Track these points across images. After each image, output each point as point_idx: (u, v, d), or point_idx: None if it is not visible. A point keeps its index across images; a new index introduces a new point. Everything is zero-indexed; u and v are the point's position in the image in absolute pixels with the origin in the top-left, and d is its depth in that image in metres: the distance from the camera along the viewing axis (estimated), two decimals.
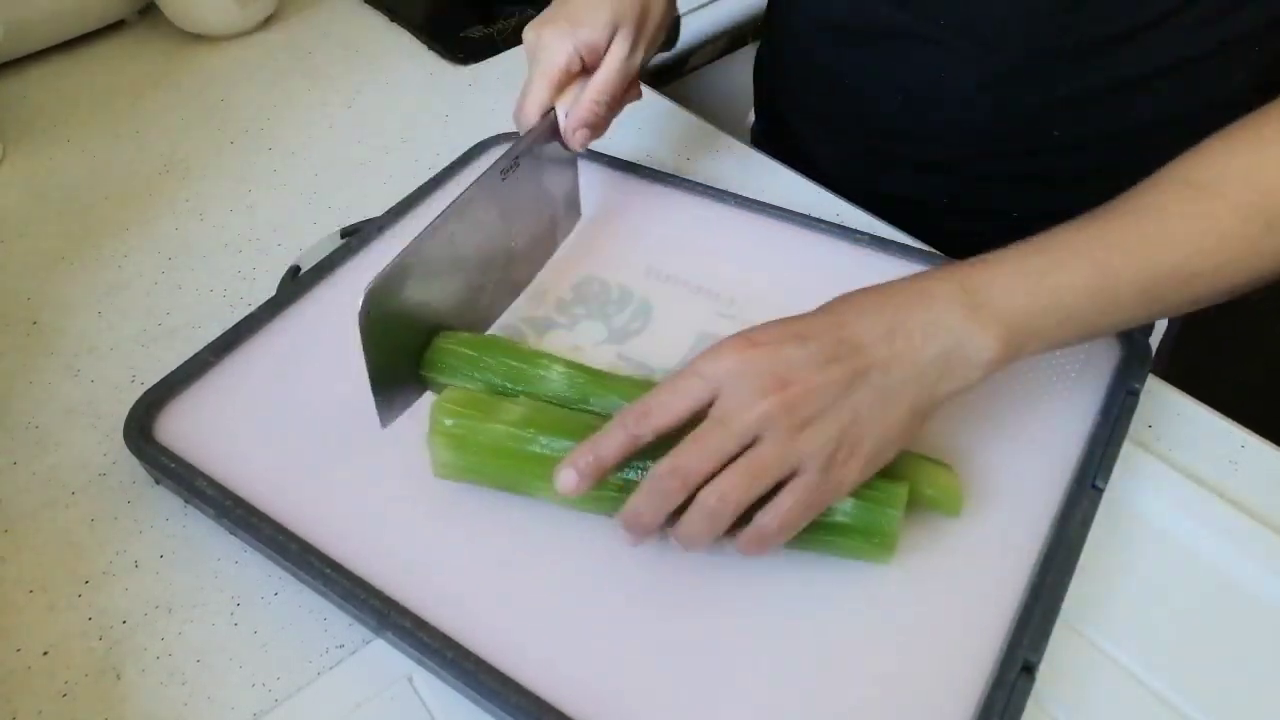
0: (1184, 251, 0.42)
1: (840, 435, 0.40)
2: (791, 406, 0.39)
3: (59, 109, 0.79)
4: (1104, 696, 0.41)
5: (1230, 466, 0.49)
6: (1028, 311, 0.42)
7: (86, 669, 0.44)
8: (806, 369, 0.40)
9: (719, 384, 0.40)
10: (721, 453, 0.39)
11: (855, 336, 0.41)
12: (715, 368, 0.40)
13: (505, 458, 0.44)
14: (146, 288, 0.63)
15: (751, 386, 0.39)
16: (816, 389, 0.40)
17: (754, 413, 0.39)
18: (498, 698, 0.40)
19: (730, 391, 0.40)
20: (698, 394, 0.40)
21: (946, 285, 0.42)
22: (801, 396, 0.39)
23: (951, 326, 0.41)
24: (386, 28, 0.88)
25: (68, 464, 0.52)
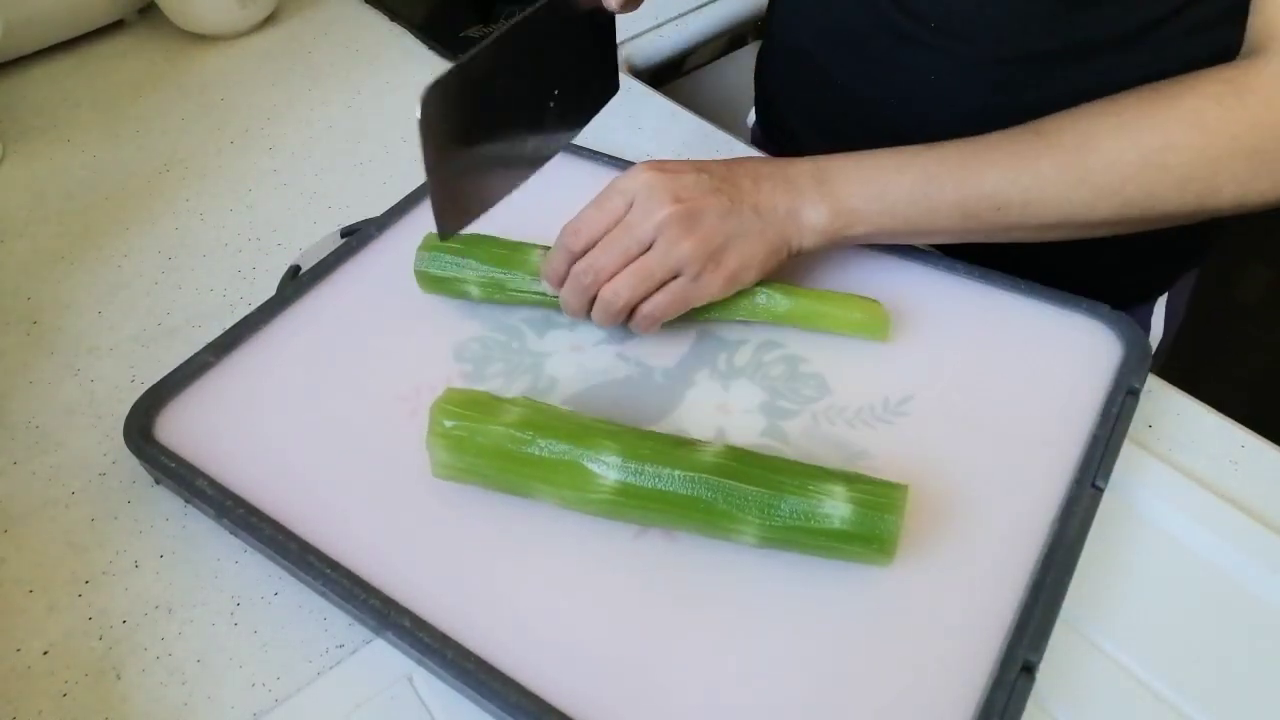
0: (998, 180, 0.50)
1: (713, 250, 0.50)
2: (681, 219, 0.49)
3: (59, 109, 0.79)
4: (1104, 696, 0.41)
5: (1230, 466, 0.49)
6: (856, 196, 0.51)
7: (86, 669, 0.44)
8: (699, 191, 0.50)
9: (632, 196, 0.50)
10: (625, 252, 0.50)
11: (736, 178, 0.52)
12: (631, 183, 0.51)
13: (504, 459, 0.45)
14: (146, 288, 0.63)
15: (656, 199, 0.50)
16: (702, 208, 0.50)
17: (653, 220, 0.49)
18: (498, 698, 0.40)
19: (639, 202, 0.50)
20: (617, 207, 0.51)
21: (808, 164, 0.53)
22: (690, 212, 0.49)
23: (802, 189, 0.52)
24: (386, 28, 0.88)
25: (68, 464, 0.52)
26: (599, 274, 0.50)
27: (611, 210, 0.51)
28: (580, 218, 0.51)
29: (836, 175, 0.52)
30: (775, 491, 0.43)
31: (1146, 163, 0.48)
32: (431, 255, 0.55)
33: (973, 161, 0.50)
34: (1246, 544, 0.45)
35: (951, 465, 0.48)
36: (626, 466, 0.43)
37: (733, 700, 0.40)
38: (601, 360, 0.54)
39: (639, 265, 0.50)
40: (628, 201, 0.50)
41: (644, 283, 0.50)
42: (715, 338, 0.55)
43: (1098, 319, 0.54)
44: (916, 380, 0.52)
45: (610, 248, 0.50)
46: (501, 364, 0.54)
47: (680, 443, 0.45)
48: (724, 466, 0.43)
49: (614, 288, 0.50)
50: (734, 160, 0.53)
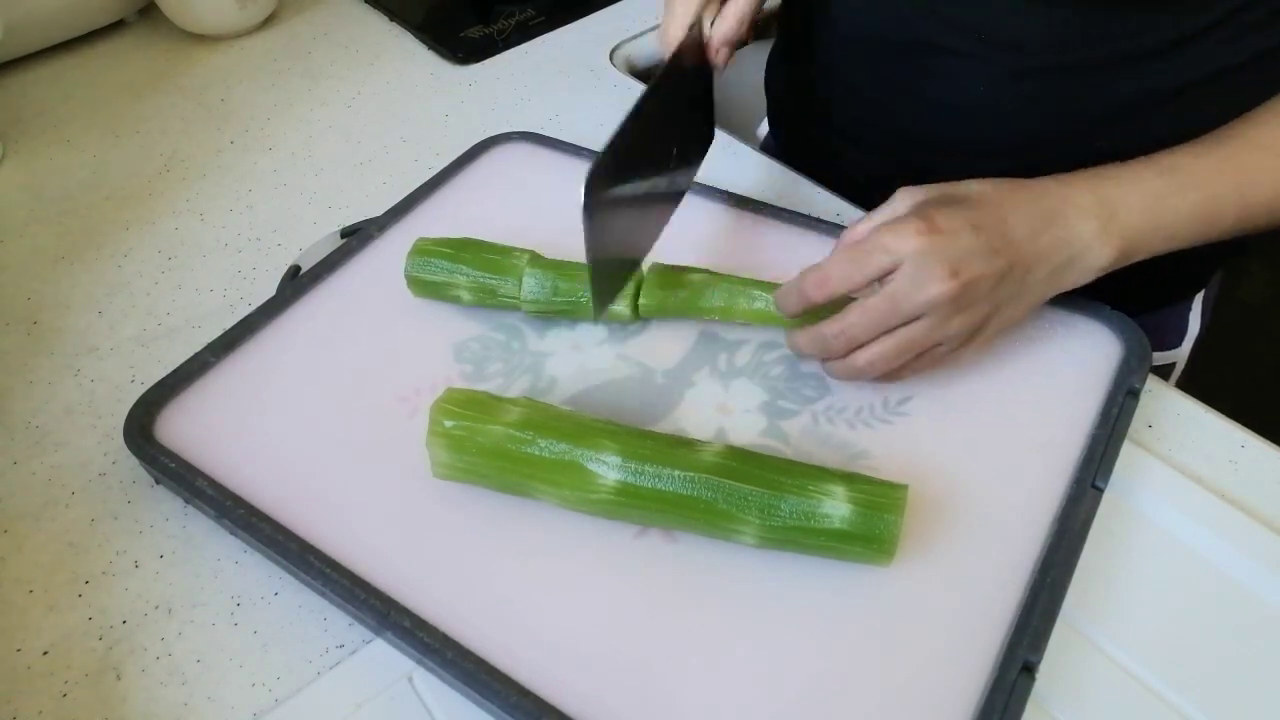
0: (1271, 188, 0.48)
1: (980, 321, 0.46)
2: (956, 298, 0.44)
3: (59, 109, 0.79)
4: (1104, 696, 0.41)
5: (1230, 466, 0.49)
6: (1142, 230, 0.47)
7: (86, 669, 0.44)
8: (977, 260, 0.44)
9: (900, 261, 0.44)
10: (886, 327, 0.46)
11: (1013, 231, 0.46)
12: (900, 245, 0.44)
13: (504, 459, 0.45)
14: (146, 288, 0.63)
15: (931, 271, 0.44)
16: (980, 281, 0.45)
17: (925, 296, 0.44)
18: (498, 698, 0.40)
19: (909, 271, 0.44)
20: (879, 267, 0.45)
21: (1087, 197, 0.48)
22: (966, 289, 0.44)
23: (1083, 235, 0.47)
24: (386, 28, 0.88)
25: (68, 464, 0.52)
26: (851, 343, 0.47)
27: (871, 269, 0.45)
28: (831, 265, 0.46)
29: (1121, 206, 0.48)
30: (775, 491, 0.42)
31: None
32: (422, 260, 0.55)
33: (1248, 170, 0.49)
34: (1246, 544, 0.45)
35: (951, 465, 0.48)
36: (626, 466, 0.43)
37: (733, 699, 0.40)
38: (602, 360, 0.54)
39: (904, 339, 0.46)
40: (893, 263, 0.45)
41: (904, 356, 0.47)
42: (715, 338, 0.55)
43: (1098, 319, 0.53)
44: (916, 380, 0.52)
45: (873, 321, 0.46)
46: (501, 364, 0.54)
47: (680, 443, 0.45)
48: (724, 466, 0.43)
49: (870, 359, 0.47)
50: (1005, 198, 0.47)
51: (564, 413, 0.46)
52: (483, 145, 0.68)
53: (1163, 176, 0.48)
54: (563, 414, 0.46)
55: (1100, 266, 0.48)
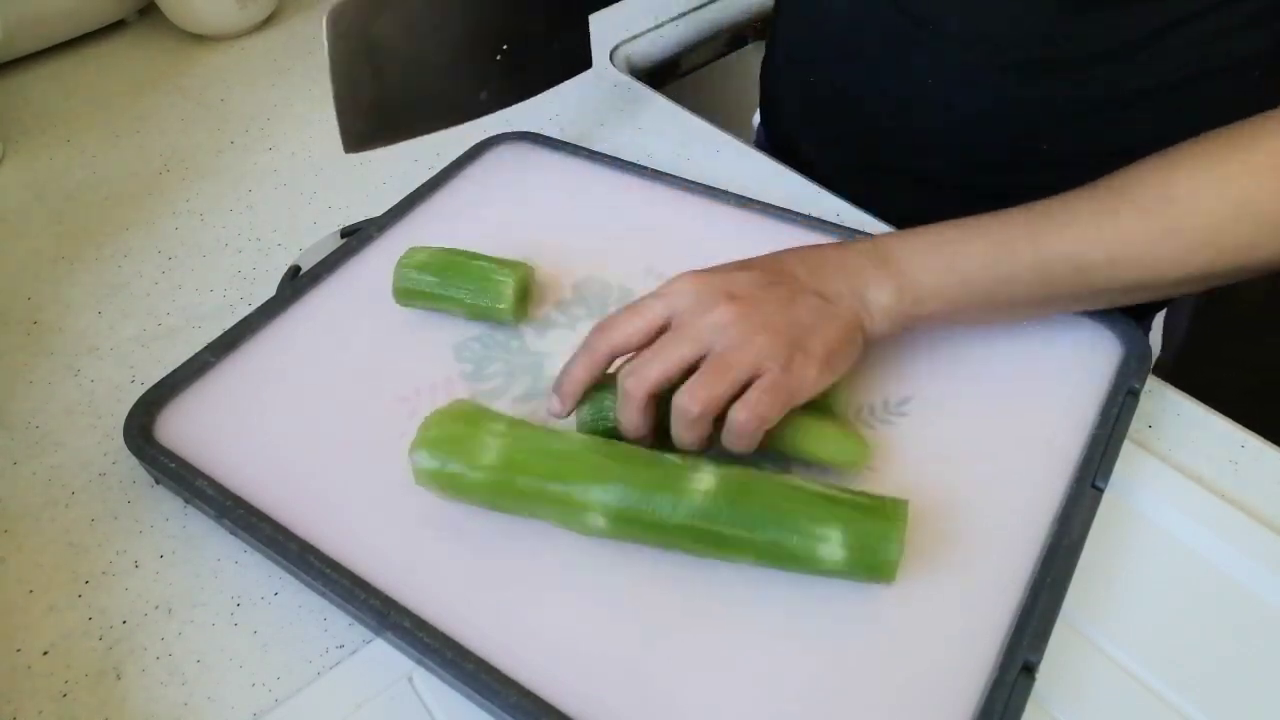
0: (1078, 237, 0.46)
1: (791, 339, 0.44)
2: (741, 314, 0.44)
3: (59, 109, 0.79)
4: (1104, 696, 0.41)
5: (1230, 466, 0.49)
6: (924, 270, 0.47)
7: (86, 669, 0.44)
8: (751, 287, 0.45)
9: (674, 302, 0.45)
10: (679, 358, 0.44)
11: (789, 268, 0.48)
12: (670, 288, 0.46)
13: (488, 497, 0.45)
14: (146, 288, 0.63)
15: (704, 300, 0.45)
16: (762, 300, 0.45)
17: (707, 319, 0.44)
18: (498, 698, 0.40)
19: (685, 306, 0.45)
20: (656, 313, 0.45)
21: (864, 244, 0.49)
22: (750, 305, 0.44)
23: (860, 271, 0.47)
24: None
25: (68, 464, 0.52)
26: (650, 383, 0.44)
27: (650, 317, 0.45)
28: (610, 321, 0.46)
29: (898, 251, 0.48)
30: (770, 538, 0.42)
31: (1234, 212, 0.45)
32: (405, 272, 0.55)
33: (1047, 221, 0.47)
34: (1246, 544, 0.45)
35: (951, 466, 0.48)
36: (612, 511, 0.43)
37: (733, 699, 0.40)
38: None
39: (711, 362, 0.44)
40: (669, 308, 0.45)
41: (721, 385, 0.43)
42: None
43: (1097, 320, 0.53)
44: (916, 380, 0.52)
45: (657, 356, 0.44)
46: (501, 364, 0.54)
47: (668, 476, 0.43)
48: (713, 511, 0.42)
49: (688, 390, 0.43)
50: (777, 253, 0.49)
51: (549, 445, 0.44)
52: (483, 145, 0.68)
53: (953, 227, 0.48)
54: (548, 447, 0.44)
55: (887, 304, 0.47)
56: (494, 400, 0.52)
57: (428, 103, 0.56)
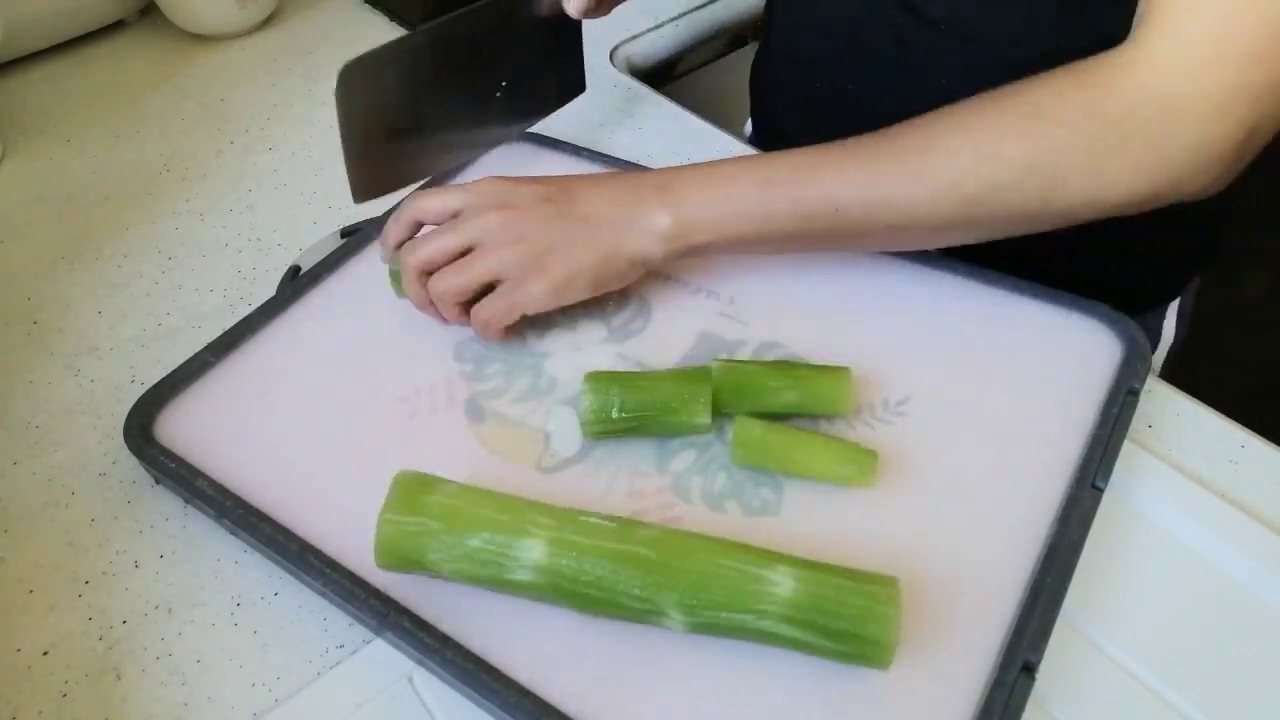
0: (833, 180, 0.49)
1: (537, 255, 0.50)
2: (503, 222, 0.51)
3: (59, 109, 0.79)
4: (1104, 696, 0.41)
5: (1230, 466, 0.49)
6: (697, 202, 0.50)
7: (86, 669, 0.44)
8: (527, 200, 0.51)
9: (468, 197, 0.52)
10: (447, 247, 0.51)
11: (574, 189, 0.52)
12: (475, 184, 0.52)
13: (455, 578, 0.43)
14: (146, 288, 0.63)
15: (485, 204, 0.51)
16: (528, 214, 0.51)
17: (477, 222, 0.51)
18: (498, 698, 0.40)
19: (470, 205, 0.52)
20: (451, 205, 0.52)
21: (655, 175, 0.53)
22: (515, 216, 0.51)
23: (641, 198, 0.51)
24: (386, 28, 0.88)
25: (68, 464, 0.52)
26: (417, 261, 0.52)
27: (446, 206, 0.52)
28: (420, 201, 0.53)
29: (679, 182, 0.51)
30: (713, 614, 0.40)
31: (981, 155, 0.46)
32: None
33: (810, 164, 0.50)
34: (1246, 544, 0.45)
35: (951, 465, 0.48)
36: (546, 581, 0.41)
37: (732, 698, 0.40)
38: (601, 360, 0.54)
39: (461, 261, 0.51)
40: (462, 201, 0.52)
41: (462, 278, 0.51)
42: (715, 337, 0.55)
43: (1098, 319, 0.54)
44: (916, 380, 0.52)
45: (432, 239, 0.52)
46: (501, 364, 0.54)
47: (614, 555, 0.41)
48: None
49: (440, 279, 0.51)
50: (585, 175, 0.54)
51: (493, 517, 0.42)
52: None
53: (734, 163, 0.52)
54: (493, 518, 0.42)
55: (660, 231, 0.50)
56: (494, 400, 0.52)
57: (432, 148, 0.59)
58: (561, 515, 0.42)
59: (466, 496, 0.43)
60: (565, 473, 0.49)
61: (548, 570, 0.41)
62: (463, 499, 0.42)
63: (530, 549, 0.41)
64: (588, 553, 0.41)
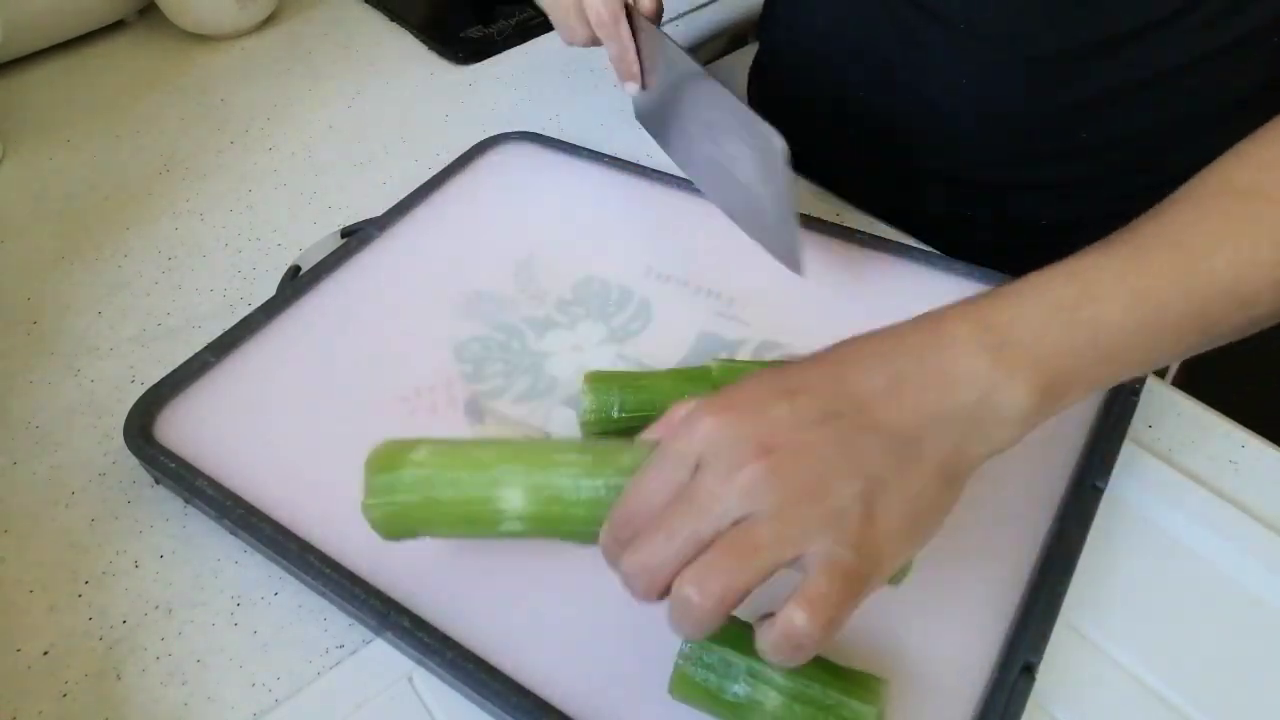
0: (1237, 269, 0.36)
1: (853, 502, 0.32)
2: (779, 474, 0.32)
3: (59, 109, 0.79)
4: (1104, 696, 0.41)
5: (1230, 466, 0.49)
6: (1063, 353, 0.35)
7: (86, 669, 0.44)
8: (796, 429, 0.33)
9: (697, 459, 0.33)
10: (695, 539, 0.32)
11: (856, 390, 0.34)
12: (689, 443, 0.33)
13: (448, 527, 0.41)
14: (146, 288, 0.63)
15: (735, 453, 0.32)
16: (809, 450, 0.32)
17: (731, 486, 0.32)
18: (498, 698, 0.40)
19: (709, 463, 0.33)
20: (678, 480, 0.33)
21: (965, 326, 0.35)
22: (791, 461, 0.32)
23: (975, 375, 0.34)
24: (386, 28, 0.88)
25: (68, 464, 0.52)
26: (655, 573, 0.33)
27: (669, 482, 0.34)
28: (628, 495, 0.35)
29: (1021, 331, 0.35)
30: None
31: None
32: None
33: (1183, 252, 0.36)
34: (1246, 544, 0.45)
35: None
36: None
37: None
38: (601, 360, 0.54)
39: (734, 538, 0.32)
40: (690, 467, 0.33)
41: (745, 563, 0.32)
42: (715, 337, 0.55)
43: None
44: None
45: (668, 532, 0.33)
46: (501, 364, 0.54)
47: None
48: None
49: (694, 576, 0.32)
50: (837, 355, 0.36)
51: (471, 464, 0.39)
52: (483, 145, 0.68)
53: (1071, 283, 0.36)
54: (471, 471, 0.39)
55: (1022, 412, 0.34)
56: (494, 400, 0.52)
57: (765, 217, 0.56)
58: (530, 457, 0.38)
59: (441, 455, 0.40)
60: None
61: (533, 518, 0.38)
62: (437, 459, 0.40)
63: (511, 500, 0.38)
64: (568, 492, 0.37)
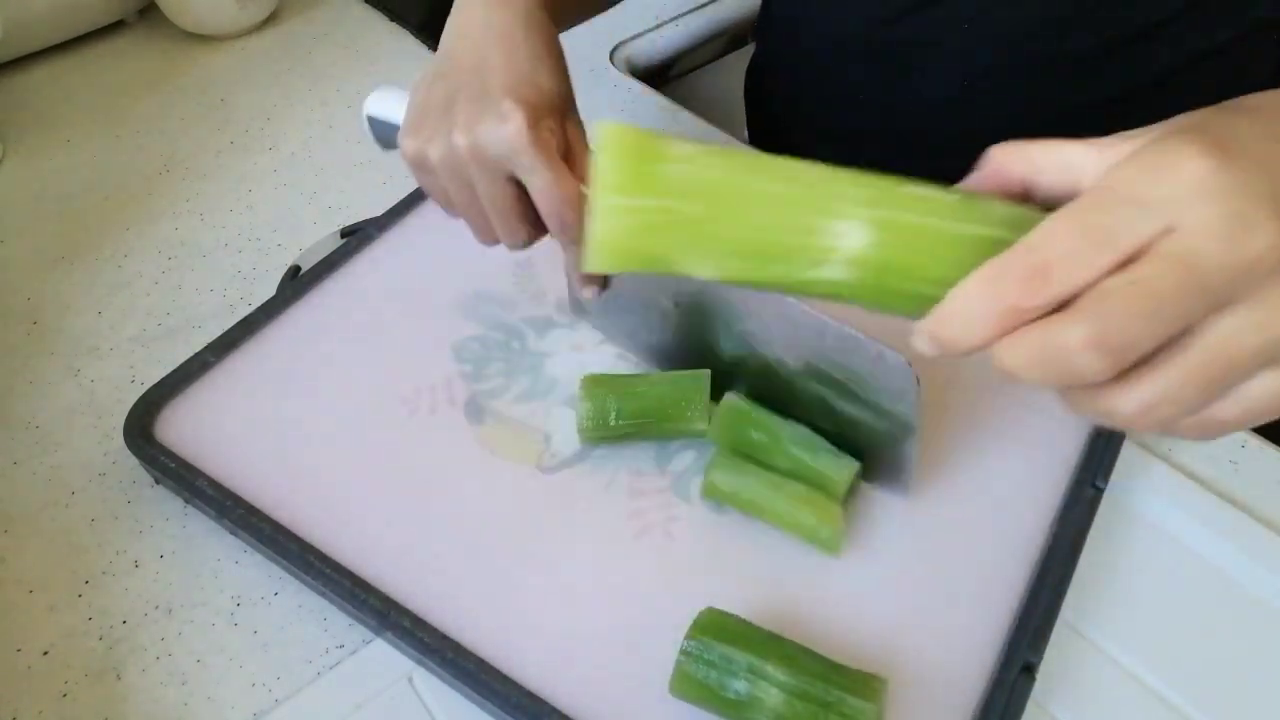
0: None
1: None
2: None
3: (59, 109, 0.79)
4: (1104, 696, 0.41)
5: (1230, 466, 0.49)
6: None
7: (86, 669, 0.44)
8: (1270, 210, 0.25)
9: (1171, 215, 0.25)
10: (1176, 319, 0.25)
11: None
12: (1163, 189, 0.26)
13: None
14: (146, 288, 0.63)
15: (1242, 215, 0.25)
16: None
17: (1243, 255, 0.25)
18: (498, 698, 0.40)
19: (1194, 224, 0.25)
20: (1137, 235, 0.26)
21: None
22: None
23: None
24: (386, 28, 0.88)
25: (68, 464, 0.52)
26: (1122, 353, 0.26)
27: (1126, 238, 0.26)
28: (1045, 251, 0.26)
29: None
30: None
31: None
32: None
33: None
34: (1246, 544, 0.45)
35: (951, 465, 0.48)
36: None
37: None
38: (602, 360, 0.54)
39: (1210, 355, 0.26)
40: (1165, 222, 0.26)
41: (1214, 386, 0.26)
42: None
43: None
44: None
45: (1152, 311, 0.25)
46: (501, 364, 0.54)
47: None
48: None
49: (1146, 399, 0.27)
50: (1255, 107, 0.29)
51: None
52: None
53: None
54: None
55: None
56: (494, 400, 0.52)
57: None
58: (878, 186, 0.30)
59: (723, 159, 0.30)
60: (565, 473, 0.49)
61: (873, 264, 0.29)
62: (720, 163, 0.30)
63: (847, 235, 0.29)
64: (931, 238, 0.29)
